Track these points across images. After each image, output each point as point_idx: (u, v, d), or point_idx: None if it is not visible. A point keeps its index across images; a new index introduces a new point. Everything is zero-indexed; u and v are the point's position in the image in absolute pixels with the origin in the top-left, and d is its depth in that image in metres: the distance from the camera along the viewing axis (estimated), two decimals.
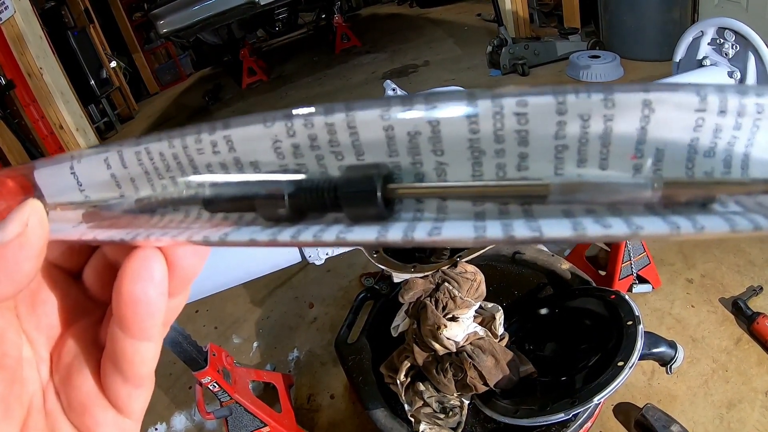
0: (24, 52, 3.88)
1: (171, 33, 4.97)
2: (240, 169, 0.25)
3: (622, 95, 0.19)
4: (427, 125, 0.20)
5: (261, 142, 0.24)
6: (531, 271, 1.71)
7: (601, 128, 0.19)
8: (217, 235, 0.24)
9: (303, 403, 1.93)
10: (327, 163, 0.23)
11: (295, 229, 0.23)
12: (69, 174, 0.28)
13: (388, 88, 1.41)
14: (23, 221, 0.25)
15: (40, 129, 4.15)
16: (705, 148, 0.20)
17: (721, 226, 0.18)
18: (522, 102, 0.19)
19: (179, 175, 0.26)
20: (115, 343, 0.28)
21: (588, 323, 1.44)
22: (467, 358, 1.30)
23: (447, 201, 0.22)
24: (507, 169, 0.21)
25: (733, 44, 1.51)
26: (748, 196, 0.20)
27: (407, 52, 5.37)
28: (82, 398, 0.30)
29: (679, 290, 2.02)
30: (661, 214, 0.19)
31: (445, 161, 0.21)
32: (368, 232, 0.21)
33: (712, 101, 0.19)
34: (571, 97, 0.19)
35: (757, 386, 1.64)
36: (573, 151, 0.20)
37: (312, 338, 2.19)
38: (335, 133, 0.22)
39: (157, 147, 0.26)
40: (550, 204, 0.20)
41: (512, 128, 0.20)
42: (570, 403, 1.19)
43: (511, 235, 0.19)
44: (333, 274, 2.48)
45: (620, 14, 3.94)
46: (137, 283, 0.26)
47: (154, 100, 6.25)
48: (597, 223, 0.19)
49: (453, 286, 1.29)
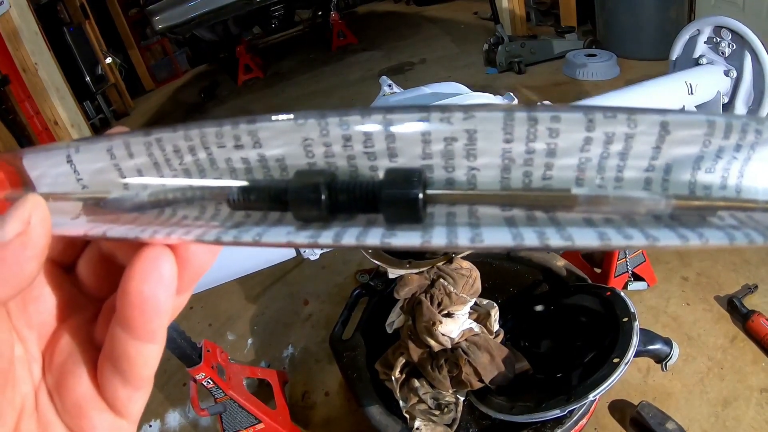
0: (19, 47, 3.86)
1: (167, 29, 4.95)
2: (264, 165, 0.24)
3: (643, 116, 0.21)
4: (465, 133, 0.22)
5: (289, 138, 0.23)
6: (526, 268, 1.71)
7: (622, 145, 0.21)
8: (250, 236, 0.23)
9: (298, 400, 1.93)
10: (358, 163, 0.23)
11: (334, 232, 0.23)
12: (65, 163, 0.27)
13: (384, 84, 1.41)
14: (24, 219, 0.24)
15: (35, 125, 4.12)
16: (707, 166, 0.22)
17: (721, 238, 0.21)
18: (555, 117, 0.21)
19: (195, 171, 0.25)
20: (117, 344, 0.27)
21: (583, 320, 1.44)
22: (462, 354, 1.30)
23: (477, 206, 0.23)
24: (533, 177, 0.22)
25: (729, 43, 1.51)
26: (743, 212, 0.22)
27: (404, 49, 5.37)
28: (77, 400, 0.28)
29: (675, 288, 2.02)
30: (670, 226, 0.21)
31: (476, 166, 0.23)
32: (412, 236, 0.22)
33: (719, 125, 0.21)
34: (599, 116, 0.21)
35: (753, 384, 1.64)
36: (594, 163, 0.22)
37: (307, 335, 2.19)
38: (371, 135, 0.22)
39: (170, 138, 0.25)
40: (573, 213, 0.22)
41: (544, 140, 0.22)
42: (565, 400, 1.19)
43: (546, 243, 0.21)
44: (328, 271, 2.47)
45: (617, 13, 3.95)
46: (146, 283, 0.25)
47: (150, 96, 6.22)
48: (619, 233, 0.21)
49: (448, 282, 1.29)
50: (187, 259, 0.26)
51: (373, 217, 0.23)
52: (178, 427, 1.96)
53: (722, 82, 1.52)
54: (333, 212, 0.23)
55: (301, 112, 0.23)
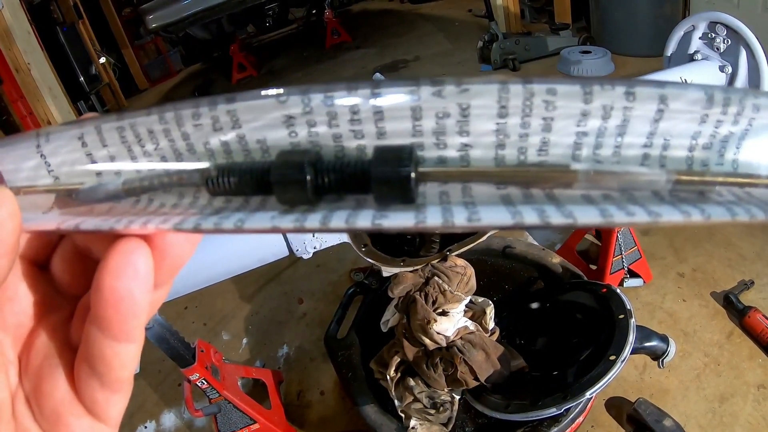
0: (11, 47, 3.84)
1: (160, 28, 4.93)
2: (245, 147, 0.23)
3: (643, 89, 0.20)
4: (457, 107, 0.21)
5: (270, 117, 0.22)
6: (522, 266, 1.71)
7: (621, 119, 0.21)
8: (231, 222, 0.22)
9: (293, 400, 1.92)
10: (345, 143, 0.22)
11: (321, 215, 0.21)
12: (35, 153, 0.25)
13: None
14: None
15: (28, 125, 4.10)
16: (704, 141, 0.21)
17: (723, 214, 0.20)
18: (552, 90, 0.20)
19: (172, 156, 0.24)
20: (93, 344, 0.25)
21: (579, 317, 1.44)
22: (457, 352, 1.29)
23: (471, 184, 0.22)
24: (528, 153, 0.22)
25: (724, 38, 1.51)
26: (740, 188, 0.22)
27: (398, 47, 5.36)
28: (55, 405, 0.27)
29: (671, 284, 2.02)
30: (671, 203, 0.21)
31: (469, 143, 0.21)
32: (405, 217, 0.21)
33: (717, 99, 0.21)
34: (597, 87, 0.20)
35: (749, 380, 1.65)
36: (591, 138, 0.21)
37: (301, 334, 2.18)
38: (358, 112, 0.21)
39: (144, 122, 0.23)
40: (572, 190, 0.21)
41: (540, 114, 0.21)
42: (562, 398, 1.19)
43: (547, 221, 0.20)
44: (322, 269, 2.46)
45: (611, 10, 3.95)
46: (120, 279, 0.23)
47: (144, 96, 6.19)
48: (621, 210, 0.20)
49: (443, 280, 1.28)
50: (164, 251, 0.25)
51: (362, 198, 0.22)
52: (174, 428, 1.95)
53: (717, 78, 1.52)
54: (319, 194, 0.22)
55: (283, 88, 0.21)
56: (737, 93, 0.21)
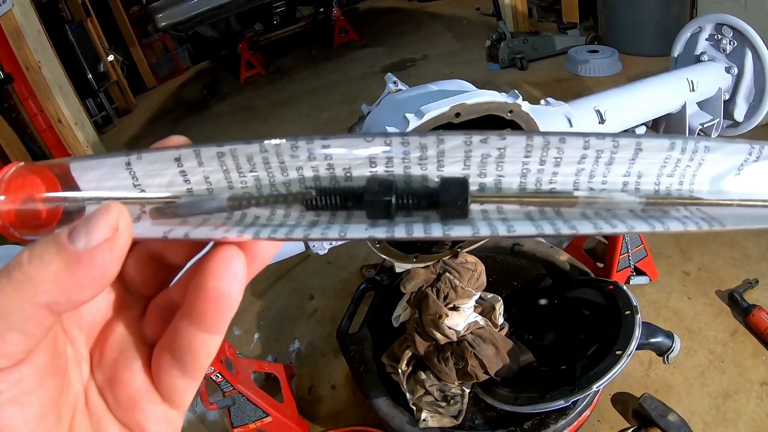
0: (22, 45, 3.86)
1: (170, 26, 4.95)
2: (331, 173, 0.28)
3: (624, 139, 0.28)
4: (497, 150, 0.28)
5: (358, 153, 0.28)
6: (530, 263, 1.73)
7: (608, 159, 0.29)
8: (335, 232, 0.27)
9: (304, 394, 1.95)
10: (412, 171, 0.29)
11: (404, 227, 0.28)
12: (124, 170, 0.28)
13: (389, 82, 1.42)
14: (112, 225, 0.25)
15: (39, 123, 4.13)
16: (668, 173, 0.30)
17: (678, 226, 0.28)
18: (562, 140, 0.28)
19: (266, 177, 0.28)
20: (182, 337, 0.28)
21: (587, 313, 1.46)
22: (468, 347, 1.32)
23: (503, 205, 0.29)
24: (542, 183, 0.29)
25: (731, 40, 1.53)
26: (694, 207, 0.30)
27: (405, 46, 5.37)
28: (132, 394, 0.30)
29: (676, 282, 2.04)
30: (642, 218, 0.29)
31: (502, 174, 0.29)
32: (465, 229, 0.27)
33: (678, 144, 0.28)
34: (593, 138, 0.28)
35: (753, 377, 1.66)
36: (587, 171, 0.29)
37: (312, 330, 2.21)
38: (426, 149, 0.28)
39: (245, 148, 0.27)
40: (574, 209, 0.29)
41: (552, 155, 0.28)
42: (569, 391, 1.21)
43: (559, 232, 0.28)
44: (333, 266, 2.49)
45: (619, 9, 3.96)
46: (222, 279, 0.27)
47: (152, 94, 6.20)
48: (607, 223, 0.28)
49: (454, 276, 1.31)
50: (255, 255, 0.28)
51: (426, 215, 0.28)
52: (186, 421, 1.97)
53: (723, 79, 1.54)
54: (398, 211, 0.28)
55: (370, 133, 0.27)
56: (693, 139, 0.29)
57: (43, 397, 0.26)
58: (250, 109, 4.88)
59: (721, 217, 0.29)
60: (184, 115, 5.23)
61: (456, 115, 0.97)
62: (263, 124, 4.48)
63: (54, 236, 0.25)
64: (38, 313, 0.24)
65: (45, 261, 0.24)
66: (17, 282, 0.24)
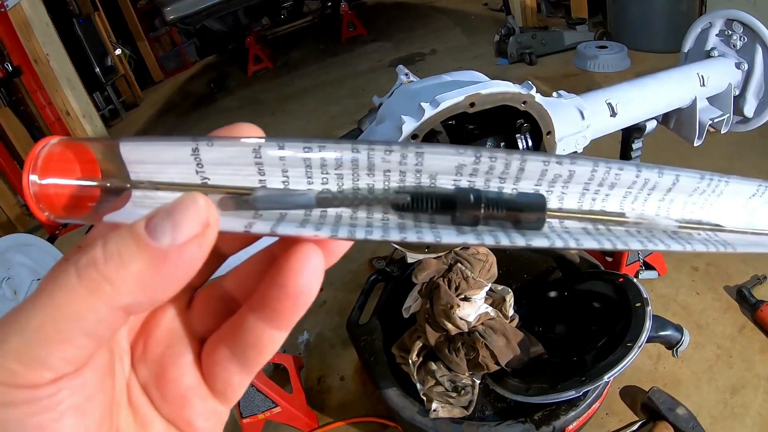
0: (30, 38, 3.88)
1: (178, 20, 4.96)
2: (417, 179, 0.29)
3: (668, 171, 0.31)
4: (567, 171, 0.30)
5: (448, 161, 0.29)
6: (540, 255, 1.73)
7: (652, 185, 0.32)
8: (431, 236, 0.28)
9: (313, 385, 1.96)
10: (492, 184, 0.30)
11: (491, 235, 0.29)
12: (189, 155, 0.26)
13: (401, 73, 1.43)
14: (202, 221, 0.23)
15: (47, 115, 4.14)
16: (693, 203, 0.34)
17: (701, 247, 0.32)
18: (621, 168, 0.30)
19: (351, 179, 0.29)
20: (250, 332, 0.27)
21: (597, 306, 1.46)
22: (479, 337, 1.32)
23: (564, 221, 0.32)
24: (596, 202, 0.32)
25: (741, 36, 1.52)
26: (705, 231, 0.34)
27: (414, 40, 5.35)
28: (182, 391, 0.29)
29: (685, 277, 2.04)
30: (674, 239, 0.32)
31: (565, 193, 0.31)
32: (542, 241, 0.29)
33: (706, 176, 0.33)
34: (645, 169, 0.31)
35: (761, 372, 1.67)
36: (633, 195, 0.32)
37: (321, 321, 2.22)
38: (508, 165, 0.29)
39: (336, 147, 0.27)
40: (621, 227, 0.32)
41: (610, 180, 0.31)
42: (580, 381, 1.22)
43: (616, 246, 0.31)
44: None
45: (628, 5, 3.94)
46: (304, 276, 0.26)
47: (159, 87, 6.21)
48: (650, 242, 0.32)
49: (466, 266, 1.31)
50: (330, 252, 0.28)
51: (502, 223, 0.30)
52: None
53: (734, 75, 1.54)
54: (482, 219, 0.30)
55: (462, 146, 0.28)
56: (717, 175, 0.32)
57: (103, 400, 0.25)
58: (258, 103, 4.88)
59: (734, 241, 0.34)
60: (191, 109, 5.23)
61: (470, 105, 0.97)
62: (271, 118, 4.48)
63: (130, 231, 0.23)
64: (114, 315, 0.23)
65: (125, 260, 0.22)
66: (93, 282, 0.22)
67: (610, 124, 1.32)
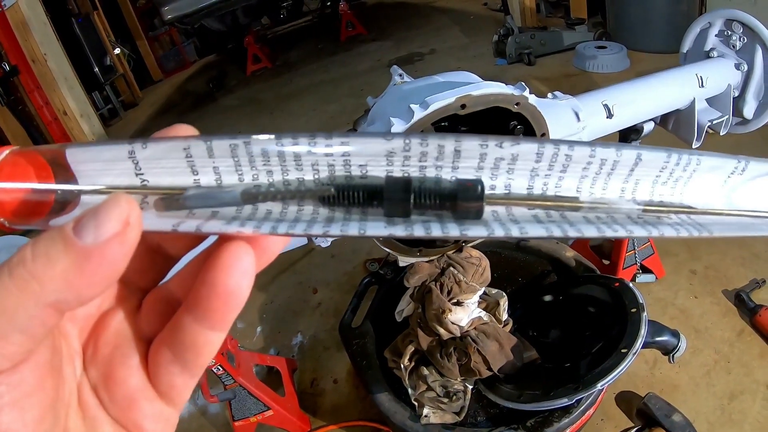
0: (28, 37, 3.88)
1: (176, 19, 4.96)
2: (348, 170, 0.28)
3: (626, 149, 0.29)
4: (510, 155, 0.28)
5: (376, 150, 0.28)
6: (535, 258, 1.71)
7: (611, 166, 0.29)
8: (355, 229, 0.27)
9: (306, 388, 1.95)
10: (428, 172, 0.29)
11: (422, 225, 0.28)
12: (126, 159, 0.27)
13: (395, 74, 1.41)
14: (123, 219, 0.23)
15: (44, 115, 4.14)
16: (663, 182, 0.31)
17: (671, 232, 0.30)
18: (571, 147, 0.29)
19: (280, 172, 0.28)
20: (186, 333, 0.27)
21: (592, 310, 1.44)
22: (471, 342, 1.31)
23: (511, 207, 0.30)
24: (548, 187, 0.30)
25: (740, 36, 1.51)
26: (685, 215, 0.32)
27: (413, 40, 5.35)
28: (128, 391, 0.29)
29: (683, 281, 2.02)
30: (639, 224, 0.30)
31: (512, 178, 0.30)
32: (480, 230, 0.28)
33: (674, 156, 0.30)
34: (599, 148, 0.29)
35: (759, 378, 1.65)
36: (590, 178, 0.30)
37: (315, 323, 2.21)
38: (442, 149, 0.28)
39: (260, 141, 0.27)
40: (578, 213, 0.30)
41: (561, 162, 0.29)
42: (574, 389, 1.20)
43: (567, 234, 0.29)
44: (337, 260, 2.48)
45: (627, 5, 3.93)
46: (232, 275, 0.26)
47: (158, 87, 6.21)
48: (609, 228, 0.29)
49: (458, 270, 1.29)
50: (263, 250, 0.27)
51: (440, 214, 0.29)
52: (188, 413, 1.97)
53: (733, 76, 1.52)
54: (414, 210, 0.28)
55: (390, 133, 0.27)
56: (687, 152, 0.30)
57: (42, 399, 0.25)
58: (257, 103, 4.87)
59: (709, 224, 0.31)
60: (190, 109, 5.23)
61: (462, 106, 0.95)
62: (270, 117, 4.47)
63: (59, 231, 0.23)
64: (44, 312, 0.23)
65: (51, 258, 0.23)
66: (21, 280, 0.23)
67: (606, 125, 1.30)
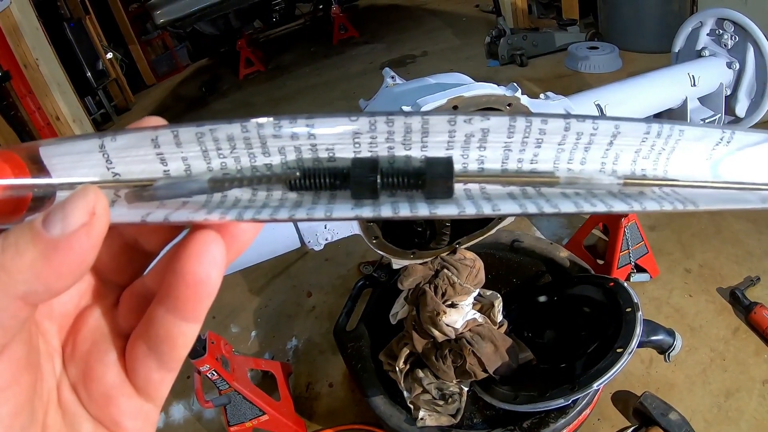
0: (20, 42, 3.86)
1: (168, 23, 4.95)
2: (315, 153, 0.28)
3: (603, 121, 0.29)
4: (480, 130, 0.28)
5: (341, 131, 0.27)
6: (530, 259, 1.71)
7: (588, 139, 0.29)
8: (321, 212, 0.27)
9: (302, 392, 1.94)
10: (396, 152, 0.28)
11: (391, 206, 0.27)
12: (97, 152, 0.27)
13: (387, 76, 1.41)
14: (89, 209, 0.23)
15: (37, 120, 4.12)
16: (644, 156, 0.31)
17: (654, 206, 0.29)
18: (544, 121, 0.28)
19: (247, 157, 0.28)
20: (159, 326, 0.27)
21: (587, 310, 1.44)
22: (466, 344, 1.30)
23: (485, 185, 0.29)
24: (524, 162, 0.30)
25: (732, 35, 1.51)
26: (669, 188, 0.31)
27: (405, 42, 5.36)
28: (106, 388, 0.29)
29: (678, 280, 2.02)
30: (620, 198, 0.29)
31: (485, 155, 0.29)
32: (450, 209, 0.28)
33: (654, 127, 0.30)
34: (573, 120, 0.28)
35: (755, 375, 1.65)
36: (567, 152, 0.30)
37: (310, 327, 2.20)
38: (410, 130, 0.27)
39: (226, 128, 0.26)
40: (555, 189, 0.29)
41: (534, 137, 0.29)
42: (569, 389, 1.20)
43: (542, 211, 0.28)
44: (331, 263, 2.48)
45: (619, 5, 3.95)
46: (201, 264, 0.26)
47: (151, 91, 6.19)
48: (587, 203, 0.29)
49: (452, 272, 1.29)
50: (234, 238, 0.27)
51: (411, 194, 0.28)
52: (183, 419, 1.96)
53: (725, 74, 1.53)
54: (381, 191, 0.28)
55: (355, 112, 0.26)
56: (668, 123, 0.29)
57: (17, 393, 0.25)
58: (250, 106, 4.86)
59: (695, 197, 0.30)
60: (183, 113, 5.21)
61: (453, 108, 0.95)
62: None
63: (28, 224, 0.23)
64: (14, 305, 0.23)
65: (20, 249, 0.23)
66: None
67: None
